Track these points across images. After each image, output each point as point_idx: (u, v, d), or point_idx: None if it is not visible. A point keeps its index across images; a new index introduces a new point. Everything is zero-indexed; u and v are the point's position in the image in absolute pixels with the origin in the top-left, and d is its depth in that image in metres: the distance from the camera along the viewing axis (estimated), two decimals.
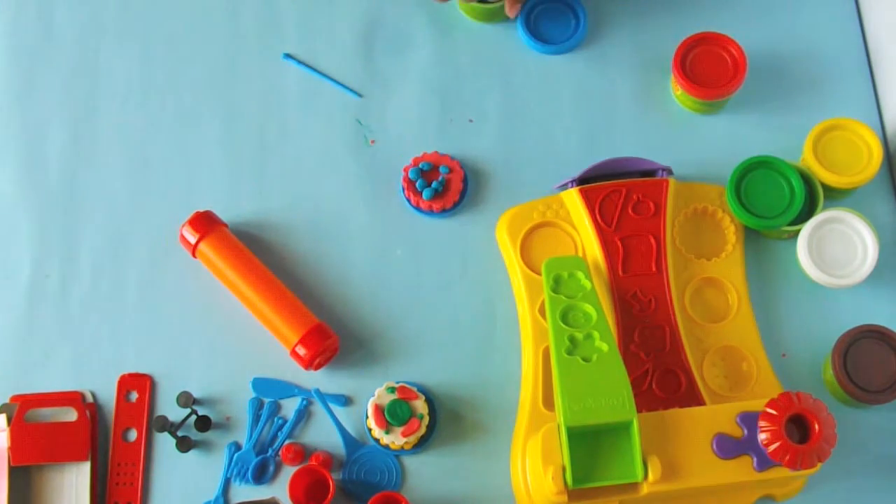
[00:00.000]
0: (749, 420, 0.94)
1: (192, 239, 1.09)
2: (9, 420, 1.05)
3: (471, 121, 1.15)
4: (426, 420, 1.04)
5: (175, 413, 1.07)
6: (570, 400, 0.93)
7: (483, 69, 1.17)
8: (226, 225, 1.11)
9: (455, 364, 1.08)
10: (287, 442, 1.06)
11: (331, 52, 1.18)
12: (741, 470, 0.94)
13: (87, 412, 1.06)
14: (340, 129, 1.16)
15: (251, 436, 1.07)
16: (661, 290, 1.06)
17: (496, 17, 1.17)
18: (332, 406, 1.07)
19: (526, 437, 1.02)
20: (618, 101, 1.16)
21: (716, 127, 1.15)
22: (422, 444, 1.05)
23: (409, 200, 1.12)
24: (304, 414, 1.07)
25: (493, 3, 1.15)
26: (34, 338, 1.10)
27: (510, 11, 1.12)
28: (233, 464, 1.06)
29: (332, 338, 1.07)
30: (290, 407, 1.08)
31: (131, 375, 1.09)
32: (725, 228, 1.10)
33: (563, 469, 0.93)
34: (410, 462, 1.06)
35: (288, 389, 1.08)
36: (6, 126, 1.17)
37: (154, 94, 1.17)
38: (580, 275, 1.01)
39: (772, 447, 0.93)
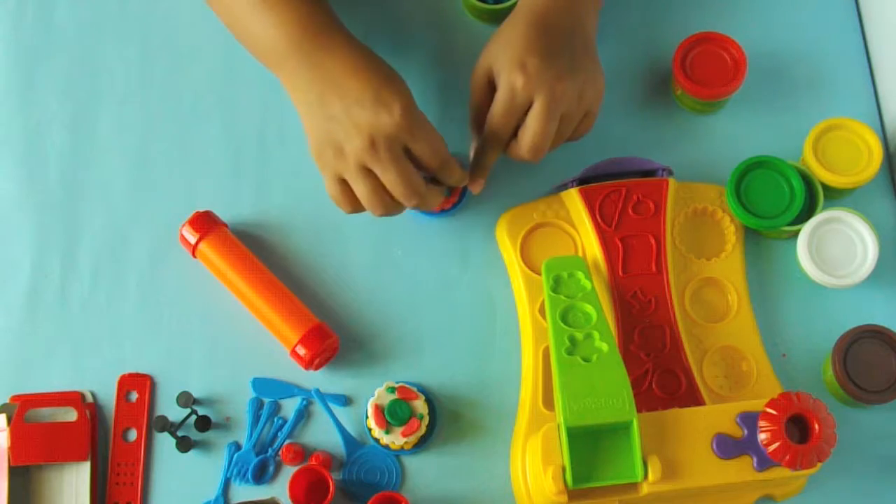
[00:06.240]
0: (749, 420, 0.94)
1: (192, 239, 1.09)
2: (9, 420, 1.05)
3: None
4: (426, 420, 1.04)
5: (175, 413, 1.07)
6: (570, 400, 0.93)
7: None
8: (226, 225, 1.11)
9: (455, 364, 1.08)
10: (287, 442, 1.06)
11: None
12: (741, 470, 0.94)
13: (87, 412, 1.06)
14: None
15: (251, 436, 1.06)
16: (661, 290, 1.06)
17: (501, 20, 1.17)
18: (332, 406, 1.07)
19: (526, 437, 1.02)
20: (618, 101, 1.16)
21: (716, 127, 1.15)
22: (422, 444, 1.05)
23: None
24: (304, 414, 1.07)
25: (492, 4, 1.15)
26: (34, 338, 1.10)
27: (474, 188, 1.07)
28: (233, 464, 1.06)
29: (332, 338, 1.07)
30: (290, 407, 1.08)
31: (131, 375, 1.09)
32: (725, 228, 1.10)
33: (563, 469, 0.93)
34: (410, 462, 1.06)
35: (288, 389, 1.08)
36: (6, 126, 1.16)
37: (154, 94, 1.17)
38: (580, 275, 1.01)
39: (772, 447, 0.93)
